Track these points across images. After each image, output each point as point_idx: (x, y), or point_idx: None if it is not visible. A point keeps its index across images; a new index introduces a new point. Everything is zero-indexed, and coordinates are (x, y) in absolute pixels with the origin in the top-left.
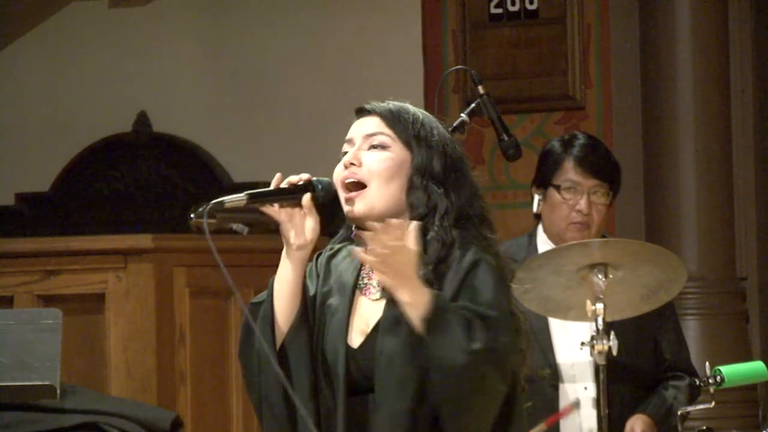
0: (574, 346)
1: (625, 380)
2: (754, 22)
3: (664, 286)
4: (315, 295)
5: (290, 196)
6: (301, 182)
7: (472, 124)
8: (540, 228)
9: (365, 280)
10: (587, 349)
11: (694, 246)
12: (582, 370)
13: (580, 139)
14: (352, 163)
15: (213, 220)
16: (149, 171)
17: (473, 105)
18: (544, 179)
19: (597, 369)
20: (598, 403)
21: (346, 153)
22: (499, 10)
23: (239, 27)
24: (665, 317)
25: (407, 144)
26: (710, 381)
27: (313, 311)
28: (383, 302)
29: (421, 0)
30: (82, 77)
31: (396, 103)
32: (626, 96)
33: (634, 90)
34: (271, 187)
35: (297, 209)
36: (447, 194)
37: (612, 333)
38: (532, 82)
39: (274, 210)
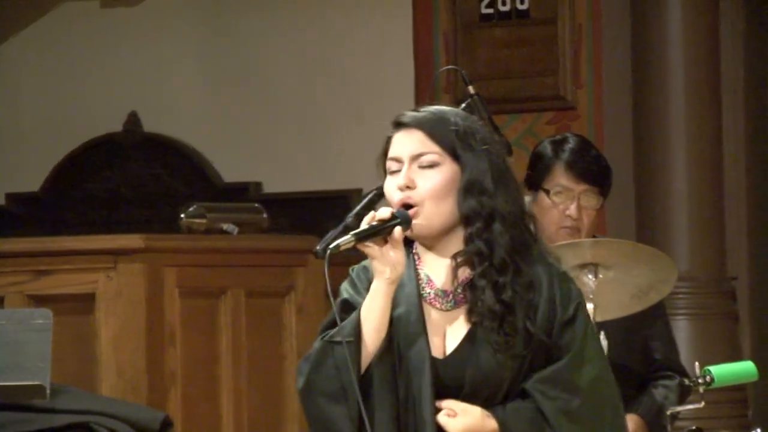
0: None
1: (618, 381)
2: (746, 23)
3: (655, 286)
4: None
5: (383, 231)
6: (389, 216)
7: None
8: None
9: (427, 290)
10: None
11: (685, 246)
12: None
13: (571, 143)
14: (407, 186)
15: (204, 220)
16: (140, 171)
17: (464, 105)
18: (534, 182)
19: None
20: None
21: (393, 171)
22: (490, 11)
23: (231, 27)
24: (655, 317)
25: (454, 156)
26: (700, 381)
27: None
28: (456, 313)
29: (412, 0)
30: (74, 77)
31: (434, 110)
32: (617, 96)
33: (625, 90)
34: (366, 225)
35: (386, 244)
36: (498, 199)
37: (603, 333)
38: (523, 82)
39: (370, 247)
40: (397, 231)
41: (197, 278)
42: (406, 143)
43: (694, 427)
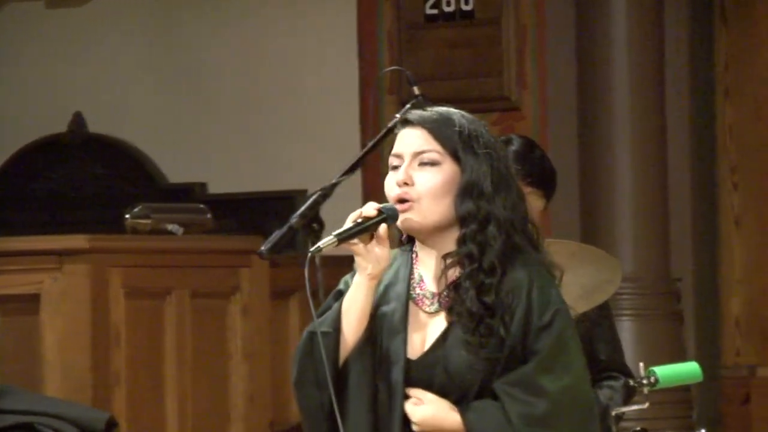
0: None
1: None
2: (690, 23)
3: (600, 287)
4: None
5: (368, 229)
6: (375, 213)
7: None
8: None
9: (417, 290)
10: None
11: (629, 247)
12: None
13: (514, 145)
14: (405, 182)
15: (148, 221)
16: (85, 171)
17: (408, 106)
18: None
19: None
20: None
21: (394, 167)
22: (435, 11)
23: (176, 29)
24: (600, 318)
25: (455, 157)
26: (644, 382)
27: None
28: (439, 315)
29: (356, 0)
30: (19, 77)
31: (441, 111)
32: (562, 97)
33: (570, 91)
34: (350, 223)
35: (371, 240)
36: (496, 203)
37: None
38: (467, 82)
39: (355, 245)
40: (383, 228)
41: (142, 279)
42: (409, 140)
43: (638, 428)
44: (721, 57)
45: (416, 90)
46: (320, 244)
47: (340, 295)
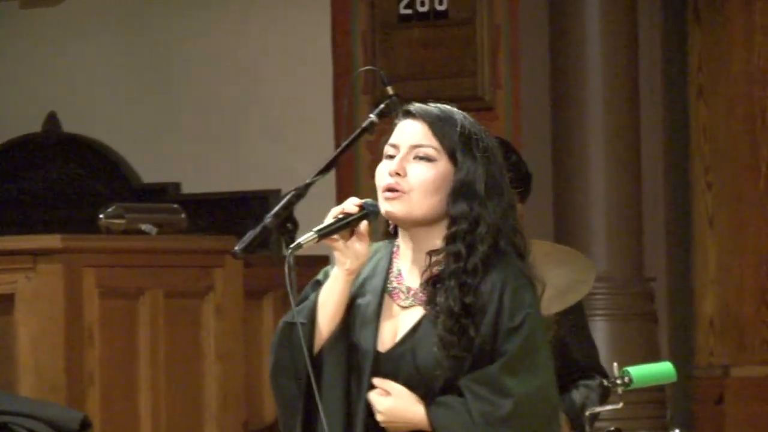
0: None
1: None
2: (664, 23)
3: (574, 287)
4: None
5: (348, 225)
6: (356, 210)
7: (381, 125)
8: None
9: (394, 284)
10: None
11: (603, 247)
12: None
13: None
14: (397, 173)
15: (122, 221)
16: (59, 171)
17: (382, 106)
18: None
19: None
20: None
21: (389, 156)
22: (409, 11)
23: (150, 29)
24: (574, 318)
25: (452, 156)
26: (619, 382)
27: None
28: (412, 310)
29: (330, 0)
30: None
31: (444, 108)
32: (535, 97)
33: (544, 91)
34: (331, 219)
35: (352, 236)
36: (488, 207)
37: None
38: (441, 82)
39: (335, 241)
40: (363, 224)
41: (116, 278)
42: (408, 132)
43: (613, 428)
44: (694, 57)
45: (390, 90)
46: (301, 240)
47: (318, 285)
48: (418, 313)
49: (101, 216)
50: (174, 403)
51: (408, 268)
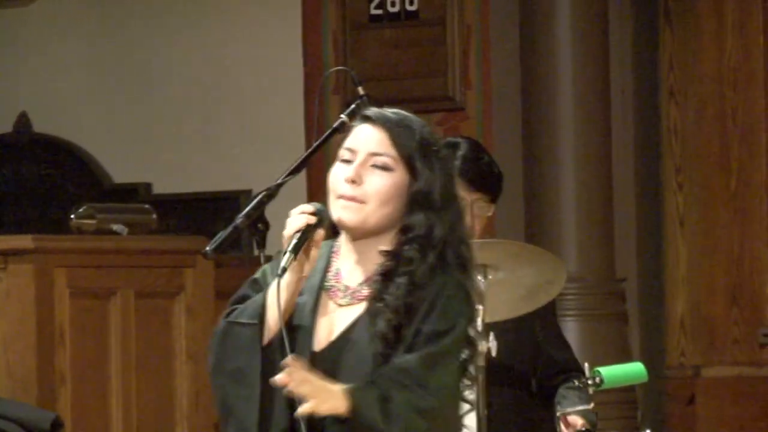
0: None
1: (505, 382)
2: (634, 23)
3: (544, 287)
4: None
5: (308, 235)
6: (314, 220)
7: (352, 125)
8: None
9: (332, 282)
10: None
11: (574, 247)
12: None
13: (462, 150)
14: (353, 180)
15: (93, 221)
16: (30, 171)
17: (353, 106)
18: None
19: (476, 370)
20: (477, 404)
21: (346, 160)
22: (380, 11)
23: (122, 28)
24: (546, 318)
25: (409, 166)
26: (590, 382)
27: None
28: (350, 308)
29: (301, 1)
30: None
31: (402, 115)
32: (506, 97)
33: (514, 91)
34: (291, 230)
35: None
36: (441, 218)
37: (492, 334)
38: (412, 83)
39: (306, 252)
40: (320, 234)
41: (87, 279)
42: (367, 138)
43: (584, 429)
44: (665, 58)
45: (361, 90)
46: (283, 264)
47: (256, 283)
48: (355, 311)
49: (72, 216)
50: (145, 403)
51: (349, 269)
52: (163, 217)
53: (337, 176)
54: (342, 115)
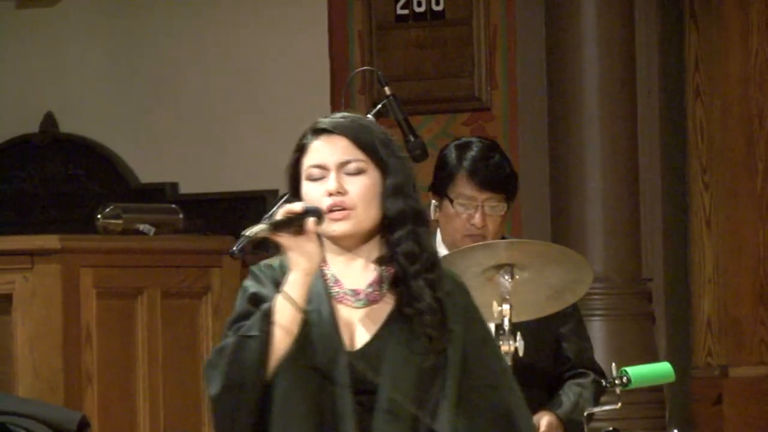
0: None
1: (526, 381)
2: (660, 23)
3: (570, 287)
4: None
5: (297, 223)
6: (301, 209)
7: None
8: (438, 232)
9: (335, 289)
10: None
11: (600, 247)
12: None
13: (473, 150)
14: (339, 192)
15: (120, 221)
16: (56, 172)
17: (379, 106)
18: (438, 189)
19: None
20: None
21: (316, 178)
22: (406, 11)
23: (146, 28)
24: (567, 317)
25: (378, 163)
26: (617, 382)
27: None
28: (370, 309)
29: (327, 0)
30: None
31: (352, 117)
32: (532, 97)
33: (540, 91)
34: (281, 217)
35: (300, 236)
36: (419, 204)
37: (519, 334)
38: (438, 83)
39: (287, 238)
40: (311, 222)
41: (113, 279)
42: (331, 150)
43: (611, 428)
44: (691, 57)
45: (387, 90)
46: (254, 228)
47: (255, 296)
48: (377, 311)
49: (99, 216)
50: (172, 403)
51: (346, 273)
52: (190, 216)
53: (316, 194)
54: (368, 116)
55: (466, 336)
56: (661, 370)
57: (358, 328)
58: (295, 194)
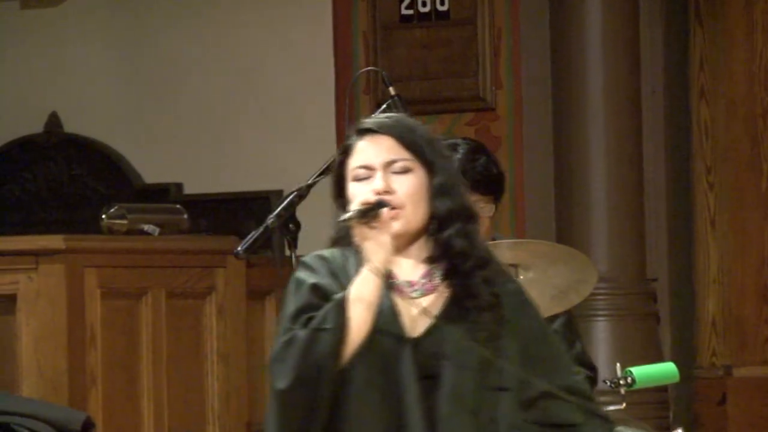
0: None
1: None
2: (665, 23)
3: (574, 287)
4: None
5: (372, 214)
6: (375, 200)
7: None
8: None
9: (391, 280)
10: None
11: (605, 247)
12: None
13: (459, 152)
14: (386, 191)
15: (124, 221)
16: (60, 172)
17: (384, 106)
18: None
19: None
20: None
21: (363, 178)
22: (410, 11)
23: (150, 28)
24: (557, 315)
25: (423, 162)
26: (621, 382)
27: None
28: (426, 298)
29: (331, 0)
30: None
31: (397, 117)
32: (537, 97)
33: (545, 91)
34: (360, 206)
35: (372, 229)
36: (466, 201)
37: None
38: (442, 83)
39: (369, 228)
40: (386, 213)
41: (118, 279)
42: (377, 150)
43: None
44: (696, 56)
45: (392, 90)
46: (345, 216)
47: (317, 288)
48: (436, 300)
49: (103, 216)
50: (176, 404)
51: (396, 270)
52: (194, 217)
53: (363, 193)
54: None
55: (521, 323)
56: (665, 370)
57: (416, 317)
58: (341, 196)
